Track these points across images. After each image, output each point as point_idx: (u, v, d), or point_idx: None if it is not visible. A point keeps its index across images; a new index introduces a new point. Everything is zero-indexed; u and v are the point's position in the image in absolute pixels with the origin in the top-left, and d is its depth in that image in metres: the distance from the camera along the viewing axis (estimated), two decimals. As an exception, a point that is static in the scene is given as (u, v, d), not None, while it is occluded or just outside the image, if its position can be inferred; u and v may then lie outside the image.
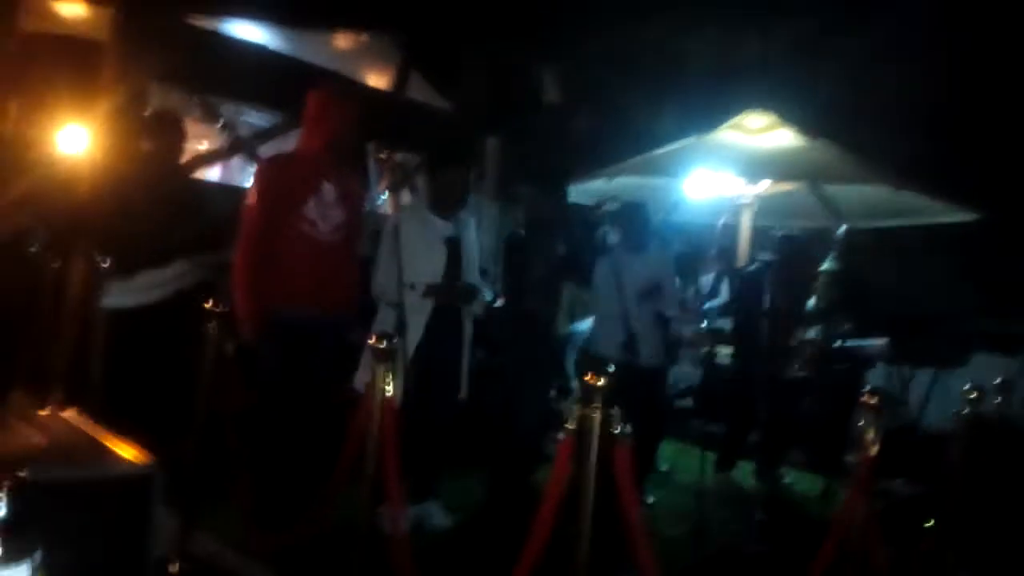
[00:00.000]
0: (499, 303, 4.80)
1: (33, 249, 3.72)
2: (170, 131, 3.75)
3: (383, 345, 2.40)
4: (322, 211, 3.27)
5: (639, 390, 3.97)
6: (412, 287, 3.45)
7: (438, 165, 3.77)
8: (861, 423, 2.42)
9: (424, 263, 3.54)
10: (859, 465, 2.38)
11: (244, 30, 5.80)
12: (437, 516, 3.65)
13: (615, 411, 1.95)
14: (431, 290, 3.54)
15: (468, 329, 3.75)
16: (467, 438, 3.99)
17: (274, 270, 3.20)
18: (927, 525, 3.26)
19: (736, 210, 5.79)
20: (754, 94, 6.17)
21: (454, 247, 3.66)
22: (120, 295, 3.56)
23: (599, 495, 1.90)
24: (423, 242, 3.56)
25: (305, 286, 3.23)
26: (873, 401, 2.44)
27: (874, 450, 2.36)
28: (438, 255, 3.60)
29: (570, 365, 5.22)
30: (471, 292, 3.70)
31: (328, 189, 3.30)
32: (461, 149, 5.28)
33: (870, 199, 5.77)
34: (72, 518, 1.90)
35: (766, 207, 5.82)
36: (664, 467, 4.96)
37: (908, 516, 3.37)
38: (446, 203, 3.67)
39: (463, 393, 3.70)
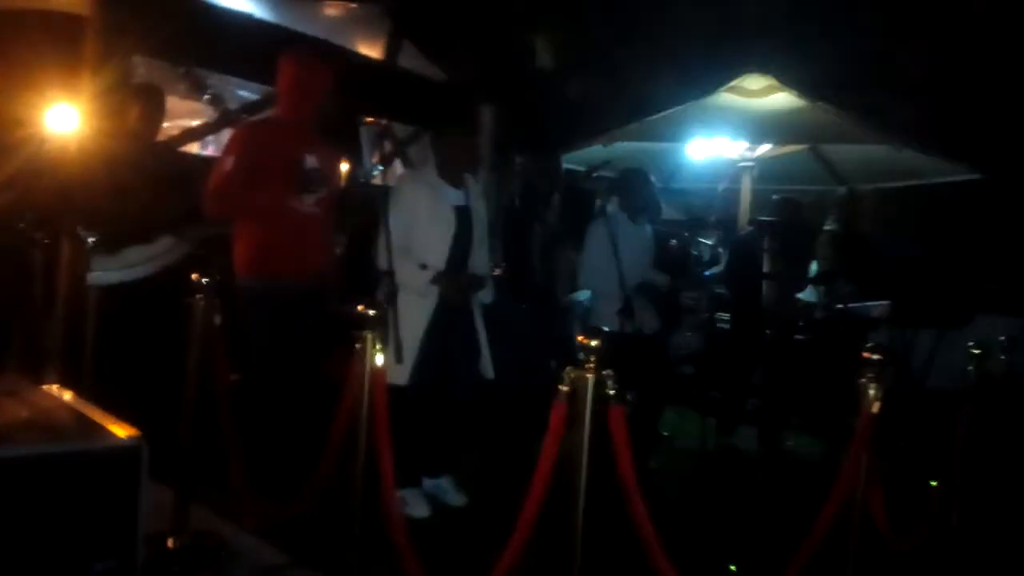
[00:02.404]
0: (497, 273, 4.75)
1: (21, 226, 3.67)
2: (150, 104, 3.68)
3: (370, 312, 2.35)
4: (306, 184, 3.22)
5: (639, 358, 3.93)
6: (423, 267, 3.34)
7: (443, 131, 3.59)
8: (863, 380, 2.38)
9: (433, 231, 3.39)
10: (861, 423, 2.33)
11: (231, 1, 5.69)
12: (451, 494, 3.58)
13: (609, 372, 1.90)
14: (438, 278, 3.37)
15: (478, 310, 3.59)
16: (487, 415, 3.94)
17: (260, 243, 3.16)
18: (932, 484, 3.23)
19: (736, 174, 5.71)
20: (753, 56, 6.06)
21: (464, 217, 3.48)
22: (108, 271, 3.51)
23: (595, 457, 1.86)
24: (431, 209, 3.40)
25: (291, 259, 3.20)
26: (875, 357, 2.39)
27: (876, 407, 2.31)
28: (447, 223, 3.42)
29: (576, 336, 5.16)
30: (479, 281, 3.53)
31: (311, 161, 3.25)
32: (465, 114, 5.18)
33: (871, 161, 5.68)
34: (58, 492, 1.88)
35: (767, 170, 5.74)
36: (666, 433, 4.94)
37: (913, 476, 3.34)
38: (455, 169, 3.49)
39: (489, 373, 3.58)
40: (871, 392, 2.30)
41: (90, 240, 3.47)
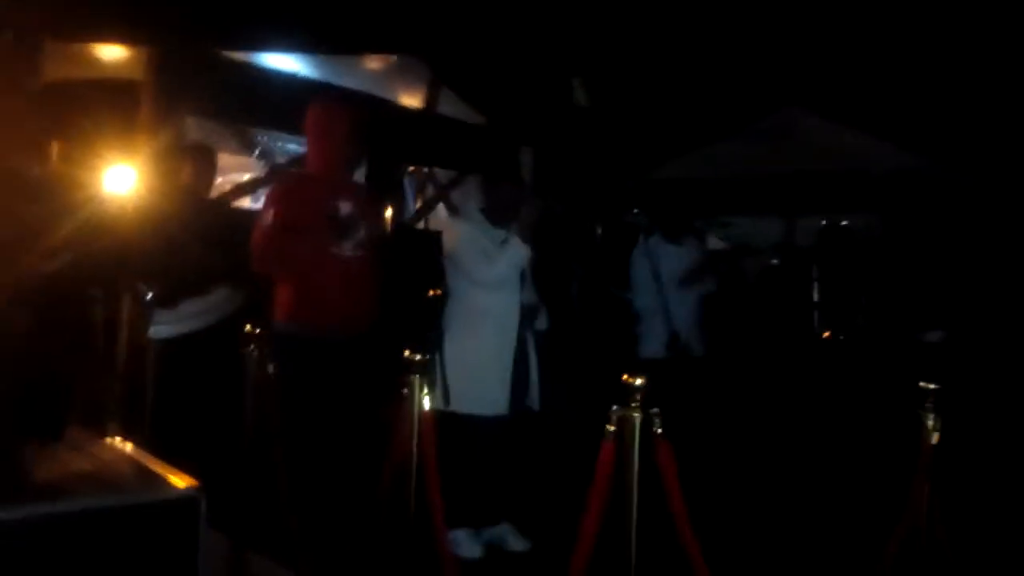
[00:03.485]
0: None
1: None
2: (202, 162, 3.83)
3: (416, 357, 2.38)
4: (340, 231, 3.27)
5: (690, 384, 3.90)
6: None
7: (494, 176, 3.71)
8: (922, 411, 2.32)
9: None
10: (922, 453, 2.27)
11: (276, 59, 5.91)
12: (512, 539, 3.54)
13: (655, 411, 1.89)
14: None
15: (530, 341, 3.64)
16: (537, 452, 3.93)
17: (300, 289, 3.22)
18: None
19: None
20: (787, 88, 6.05)
21: None
22: (165, 325, 3.62)
23: (645, 495, 1.84)
24: (482, 248, 3.51)
25: (334, 306, 3.24)
26: (933, 387, 2.33)
27: (935, 438, 2.25)
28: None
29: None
30: (534, 309, 3.62)
31: (345, 208, 3.30)
32: (512, 161, 5.26)
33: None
34: (119, 544, 1.91)
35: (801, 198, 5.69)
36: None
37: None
38: (501, 211, 3.60)
39: (535, 404, 3.60)
40: (930, 422, 2.24)
41: (148, 295, 3.59)
